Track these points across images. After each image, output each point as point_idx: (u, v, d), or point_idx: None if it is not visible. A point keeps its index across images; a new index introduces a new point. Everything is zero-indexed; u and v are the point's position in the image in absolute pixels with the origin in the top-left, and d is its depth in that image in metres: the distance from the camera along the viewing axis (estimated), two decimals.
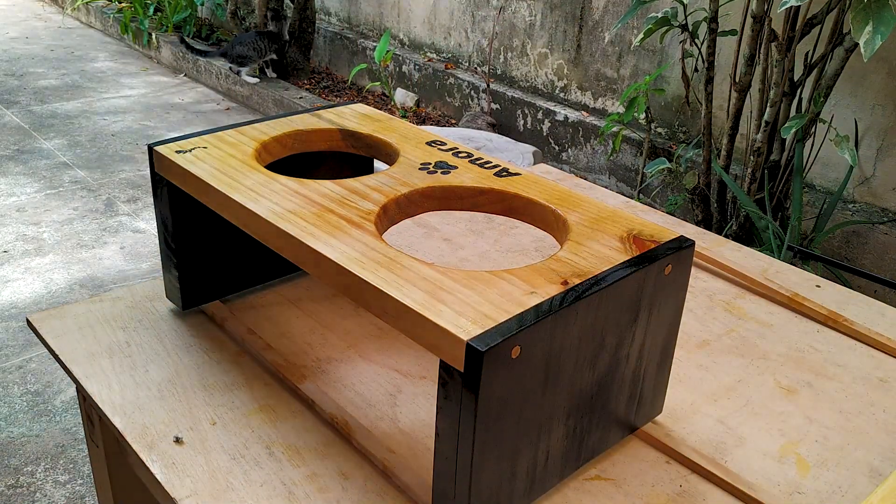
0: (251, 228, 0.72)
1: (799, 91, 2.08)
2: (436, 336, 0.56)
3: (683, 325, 0.92)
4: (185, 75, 4.43)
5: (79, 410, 1.27)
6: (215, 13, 4.84)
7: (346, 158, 0.94)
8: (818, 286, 1.01)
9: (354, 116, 0.93)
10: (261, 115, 3.33)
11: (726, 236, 2.17)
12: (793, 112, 2.10)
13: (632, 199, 1.66)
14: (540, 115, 3.23)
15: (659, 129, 2.88)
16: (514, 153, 2.73)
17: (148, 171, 3.07)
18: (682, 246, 0.68)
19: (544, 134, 3.23)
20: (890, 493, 0.60)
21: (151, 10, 4.89)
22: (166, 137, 1.17)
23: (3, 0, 5.86)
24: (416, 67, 3.79)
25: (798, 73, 2.08)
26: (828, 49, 2.02)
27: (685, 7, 2.17)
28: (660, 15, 2.16)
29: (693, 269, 1.03)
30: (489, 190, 0.76)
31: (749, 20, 2.05)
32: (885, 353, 0.89)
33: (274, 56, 3.95)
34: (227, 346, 0.85)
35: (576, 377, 0.63)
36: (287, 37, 3.95)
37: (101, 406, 0.75)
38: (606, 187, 1.95)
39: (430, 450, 0.71)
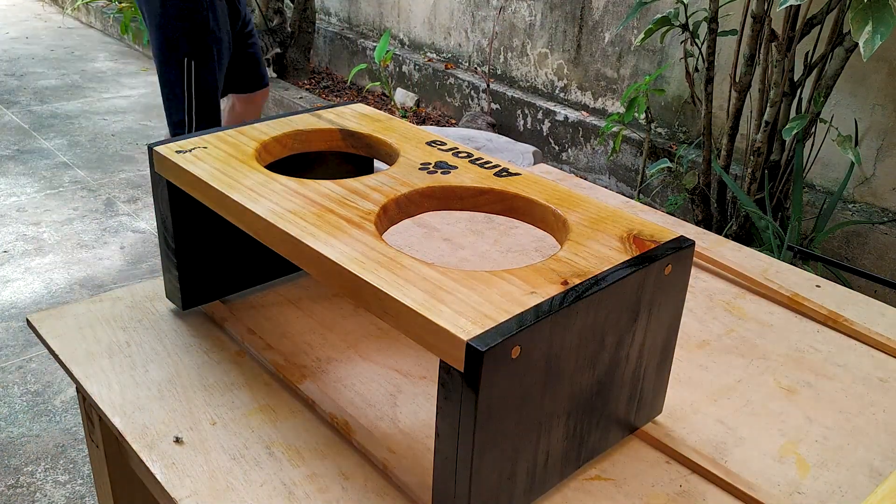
0: (251, 228, 0.72)
1: (799, 91, 2.08)
2: (436, 336, 0.56)
3: (683, 325, 0.92)
4: None
5: (79, 410, 1.27)
6: None
7: (346, 158, 0.94)
8: (818, 286, 1.01)
9: (354, 116, 0.93)
10: (261, 115, 3.33)
11: (726, 236, 2.17)
12: (793, 112, 2.10)
13: (632, 199, 1.66)
14: (540, 115, 3.23)
15: (659, 129, 2.88)
16: (514, 153, 2.73)
17: (148, 171, 3.07)
18: (682, 246, 0.68)
19: (544, 134, 3.23)
20: (890, 493, 0.60)
21: None
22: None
23: (3, 0, 5.86)
24: (416, 67, 3.79)
25: (798, 73, 2.08)
26: (828, 49, 2.02)
27: (686, 7, 2.17)
28: (660, 15, 2.16)
29: (693, 269, 1.03)
30: (489, 190, 0.76)
31: (749, 20, 2.05)
32: (885, 353, 0.89)
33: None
34: (227, 346, 0.85)
35: (576, 377, 0.63)
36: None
37: (100, 406, 0.75)
38: (606, 187, 1.95)
39: (430, 450, 0.71)
